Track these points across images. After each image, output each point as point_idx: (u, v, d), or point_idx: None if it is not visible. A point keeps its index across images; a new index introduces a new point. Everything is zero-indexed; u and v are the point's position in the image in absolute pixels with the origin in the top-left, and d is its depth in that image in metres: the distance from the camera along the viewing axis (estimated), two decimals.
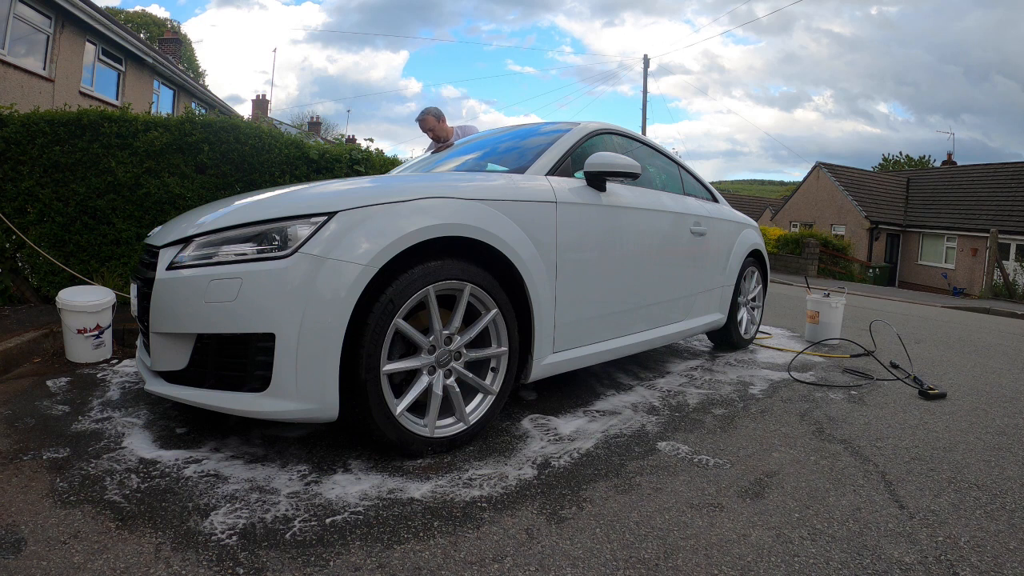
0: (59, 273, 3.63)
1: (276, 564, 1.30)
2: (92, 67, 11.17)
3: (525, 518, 1.55)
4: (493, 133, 3.35)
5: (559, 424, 2.25)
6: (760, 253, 4.05)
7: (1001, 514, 1.68)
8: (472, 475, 1.78)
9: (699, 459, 1.98)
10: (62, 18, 9.83)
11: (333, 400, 1.69)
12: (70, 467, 1.72)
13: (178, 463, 1.77)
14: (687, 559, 1.39)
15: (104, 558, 1.30)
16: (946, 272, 19.53)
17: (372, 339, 1.72)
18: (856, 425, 2.41)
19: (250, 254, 1.72)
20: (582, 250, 2.36)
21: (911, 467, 2.00)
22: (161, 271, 1.81)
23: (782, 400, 2.73)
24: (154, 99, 13.88)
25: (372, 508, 1.56)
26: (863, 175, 24.24)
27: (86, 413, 2.16)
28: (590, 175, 2.47)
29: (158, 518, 1.46)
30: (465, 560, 1.35)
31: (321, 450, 1.91)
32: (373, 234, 1.74)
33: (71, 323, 2.80)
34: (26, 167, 3.64)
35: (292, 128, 21.35)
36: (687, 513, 1.61)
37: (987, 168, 21.81)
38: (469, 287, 1.92)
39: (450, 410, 1.96)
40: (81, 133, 3.66)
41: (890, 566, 1.39)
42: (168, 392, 1.81)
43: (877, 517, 1.63)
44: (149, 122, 3.73)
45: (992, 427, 2.48)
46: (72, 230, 3.68)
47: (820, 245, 19.36)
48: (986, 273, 14.69)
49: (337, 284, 1.67)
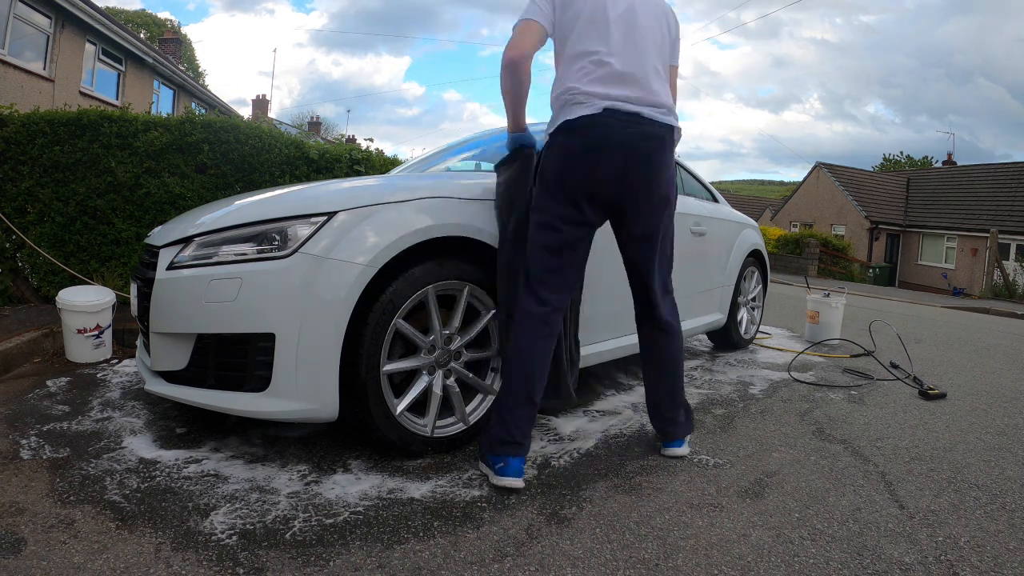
0: (59, 273, 3.63)
1: (276, 564, 1.30)
2: (92, 67, 11.17)
3: (525, 518, 1.55)
4: (493, 133, 3.35)
5: (559, 424, 2.25)
6: (760, 253, 4.04)
7: (1001, 514, 1.68)
8: (472, 475, 1.78)
9: (699, 459, 1.98)
10: (62, 18, 9.83)
11: (333, 400, 1.69)
12: (70, 467, 1.72)
13: (178, 463, 1.77)
14: (687, 559, 1.39)
15: (104, 558, 1.30)
16: (946, 272, 19.52)
17: (372, 339, 1.72)
18: (856, 425, 2.41)
19: (250, 254, 1.72)
20: None
21: (911, 467, 2.00)
22: (161, 271, 1.81)
23: (782, 400, 2.73)
24: (154, 99, 13.88)
25: (372, 508, 1.56)
26: (863, 175, 24.24)
27: (86, 413, 2.16)
28: None
29: (158, 518, 1.46)
30: (465, 560, 1.35)
31: (321, 450, 1.91)
32: (373, 234, 1.74)
33: (71, 323, 2.80)
34: (26, 167, 3.64)
35: (292, 128, 21.36)
36: (687, 513, 1.61)
37: (987, 168, 21.81)
38: (469, 287, 1.92)
39: (450, 410, 1.96)
40: (81, 133, 3.66)
41: (890, 566, 1.39)
42: (168, 392, 1.81)
43: (877, 517, 1.63)
44: (149, 122, 3.73)
45: (992, 427, 2.48)
46: (72, 230, 3.68)
47: (820, 245, 19.36)
48: (986, 273, 14.69)
49: (337, 284, 1.67)
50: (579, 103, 1.67)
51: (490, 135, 3.30)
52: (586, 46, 1.69)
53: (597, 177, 1.68)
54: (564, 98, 1.71)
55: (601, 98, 1.66)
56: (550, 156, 1.74)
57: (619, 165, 1.68)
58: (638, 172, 1.70)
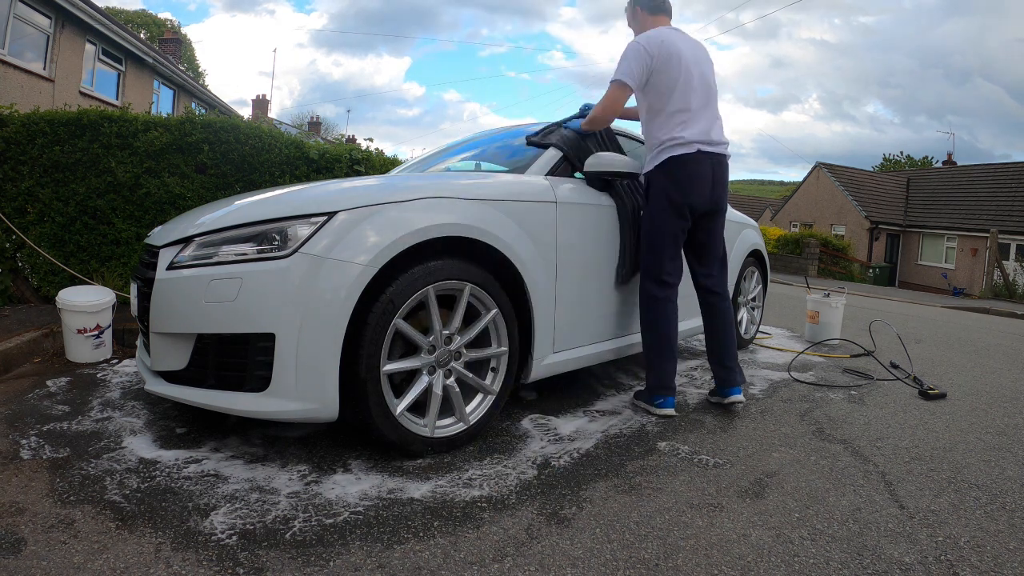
0: (59, 273, 3.63)
1: (276, 564, 1.30)
2: (92, 67, 11.17)
3: (525, 518, 1.55)
4: (493, 133, 3.35)
5: (559, 424, 2.25)
6: (760, 253, 4.04)
7: (1001, 514, 1.68)
8: (472, 475, 1.78)
9: (699, 459, 1.98)
10: (62, 18, 9.83)
11: (333, 400, 1.69)
12: (70, 467, 1.72)
13: (178, 463, 1.77)
14: (687, 559, 1.39)
15: (104, 558, 1.30)
16: (946, 272, 19.53)
17: (372, 339, 1.72)
18: (856, 425, 2.41)
19: (250, 254, 1.72)
20: (582, 250, 2.36)
21: (911, 467, 2.00)
22: (161, 271, 1.81)
23: (782, 400, 2.73)
24: (154, 99, 13.88)
25: (372, 508, 1.56)
26: (863, 175, 24.24)
27: (86, 413, 2.16)
28: (590, 175, 2.47)
29: (158, 518, 1.46)
30: (465, 560, 1.35)
31: (321, 450, 1.91)
32: (373, 234, 1.74)
33: (71, 323, 2.80)
34: (26, 167, 3.64)
35: (292, 128, 21.35)
36: (687, 513, 1.61)
37: (987, 168, 21.81)
38: (469, 287, 1.92)
39: (450, 410, 1.96)
40: (81, 133, 3.66)
41: (890, 566, 1.39)
42: (168, 392, 1.81)
43: (877, 517, 1.63)
44: (149, 122, 3.73)
45: (992, 427, 2.48)
46: (72, 230, 3.68)
47: (820, 245, 19.36)
48: (986, 273, 14.69)
49: (337, 284, 1.67)
50: (680, 145, 2.36)
51: (490, 135, 3.30)
52: (680, 106, 2.37)
53: (694, 193, 2.37)
54: (669, 142, 2.37)
55: (694, 143, 2.36)
56: (662, 179, 2.40)
57: (710, 185, 2.40)
58: (716, 189, 2.43)
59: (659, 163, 2.39)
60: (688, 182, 2.36)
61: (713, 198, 2.43)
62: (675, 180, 2.37)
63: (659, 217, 2.40)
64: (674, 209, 2.38)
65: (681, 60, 2.36)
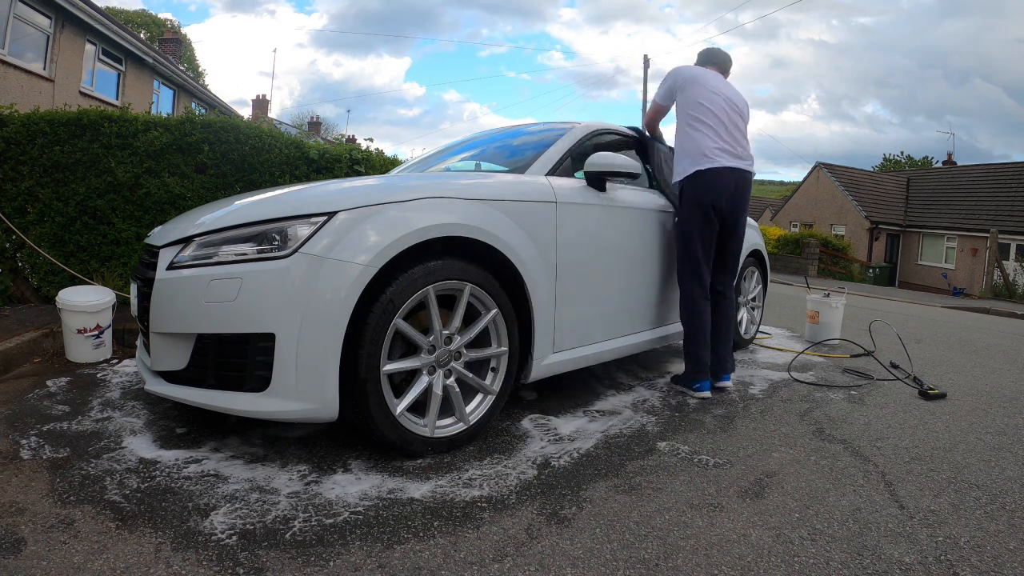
0: (59, 273, 3.63)
1: (276, 564, 1.30)
2: (92, 67, 11.17)
3: (525, 518, 1.55)
4: (492, 133, 3.35)
5: (559, 424, 2.25)
6: (760, 253, 4.04)
7: (1001, 514, 1.68)
8: (472, 475, 1.78)
9: (699, 459, 1.98)
10: (62, 18, 9.83)
11: (333, 400, 1.69)
12: (70, 467, 1.72)
13: (178, 463, 1.77)
14: (687, 559, 1.39)
15: (104, 558, 1.30)
16: (946, 272, 19.52)
17: (372, 339, 1.72)
18: (856, 425, 2.41)
19: (250, 254, 1.72)
20: (582, 250, 2.36)
21: (911, 467, 2.00)
22: (161, 271, 1.81)
23: (782, 400, 2.73)
24: (154, 99, 13.87)
25: (372, 508, 1.56)
26: (863, 175, 24.23)
27: (86, 413, 2.16)
28: (590, 175, 2.47)
29: (158, 518, 1.46)
30: (465, 560, 1.35)
31: (321, 450, 1.91)
32: (373, 234, 1.74)
33: (71, 323, 2.80)
34: (26, 167, 3.64)
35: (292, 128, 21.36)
36: (687, 513, 1.61)
37: (987, 168, 21.80)
38: (469, 287, 1.92)
39: (450, 410, 1.96)
40: (81, 133, 3.66)
41: (890, 566, 1.39)
42: (168, 392, 1.81)
43: (877, 517, 1.63)
44: (149, 122, 3.73)
45: (992, 427, 2.48)
46: (72, 230, 3.68)
47: (820, 245, 19.35)
48: (986, 273, 14.69)
49: (337, 284, 1.67)
50: (709, 159, 2.67)
51: (490, 135, 3.30)
52: (710, 124, 2.70)
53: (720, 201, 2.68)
54: (699, 156, 2.68)
55: (721, 156, 2.68)
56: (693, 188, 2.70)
57: (730, 194, 2.71)
58: (739, 198, 2.75)
59: (690, 174, 2.71)
60: (714, 190, 2.68)
61: (733, 207, 2.74)
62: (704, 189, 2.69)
63: (691, 222, 2.72)
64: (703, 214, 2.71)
65: (706, 84, 2.74)
